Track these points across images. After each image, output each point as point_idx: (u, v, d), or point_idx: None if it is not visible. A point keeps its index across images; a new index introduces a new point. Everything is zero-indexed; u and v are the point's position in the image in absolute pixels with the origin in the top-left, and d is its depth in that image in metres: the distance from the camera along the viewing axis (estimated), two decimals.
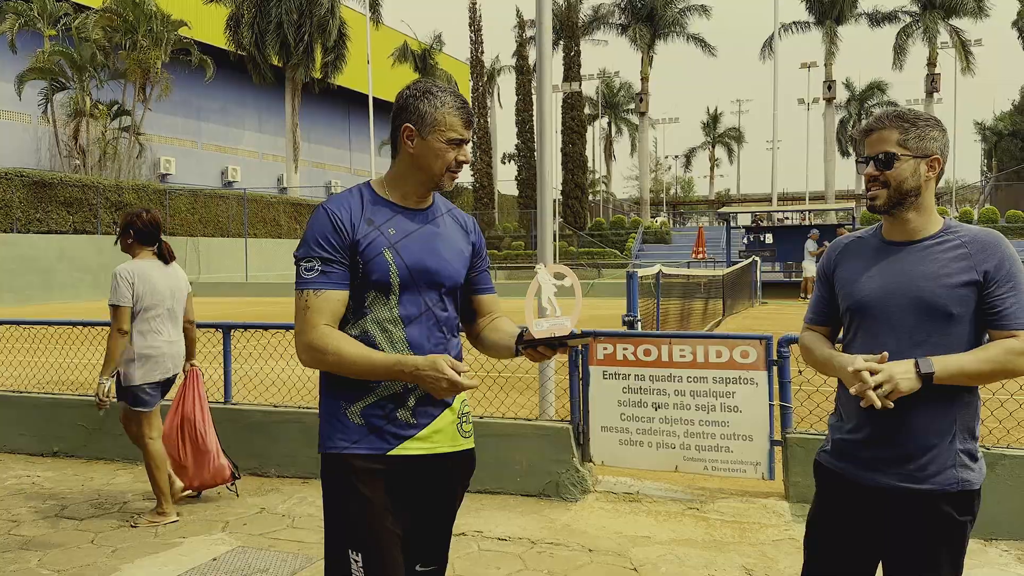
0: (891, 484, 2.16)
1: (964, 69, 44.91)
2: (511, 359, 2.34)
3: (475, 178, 46.72)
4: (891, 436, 2.15)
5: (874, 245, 2.27)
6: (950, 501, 2.13)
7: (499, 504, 5.02)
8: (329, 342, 2.10)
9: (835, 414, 2.34)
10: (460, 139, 2.21)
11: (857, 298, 2.21)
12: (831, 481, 2.31)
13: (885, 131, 2.17)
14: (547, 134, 5.81)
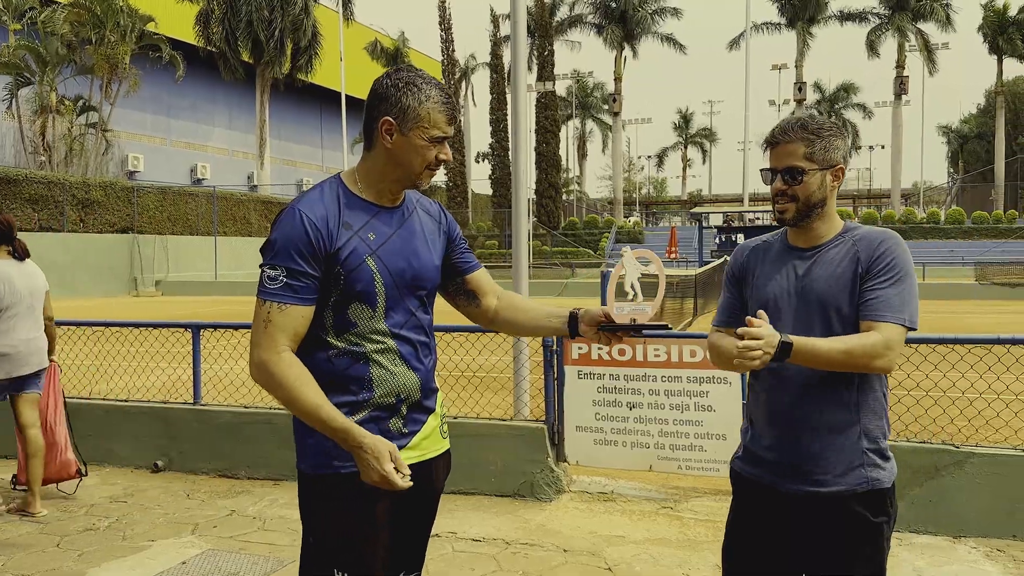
0: (802, 489, 2.14)
1: (931, 71, 45.62)
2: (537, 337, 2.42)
3: (448, 177, 46.57)
4: (796, 439, 2.14)
5: (779, 250, 2.28)
6: (861, 502, 2.11)
7: (474, 505, 4.99)
8: (288, 378, 1.95)
9: (746, 420, 2.35)
10: (443, 136, 2.08)
11: (763, 300, 2.20)
12: (745, 488, 2.29)
13: (791, 144, 2.14)
14: (522, 133, 5.79)
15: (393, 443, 2.01)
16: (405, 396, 2.10)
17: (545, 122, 44.42)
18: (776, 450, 2.18)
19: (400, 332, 2.09)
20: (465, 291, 2.35)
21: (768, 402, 2.20)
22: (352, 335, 2.05)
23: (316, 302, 2.02)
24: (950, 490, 4.37)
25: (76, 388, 7.22)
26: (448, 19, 45.53)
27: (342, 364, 2.05)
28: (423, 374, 2.15)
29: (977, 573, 3.94)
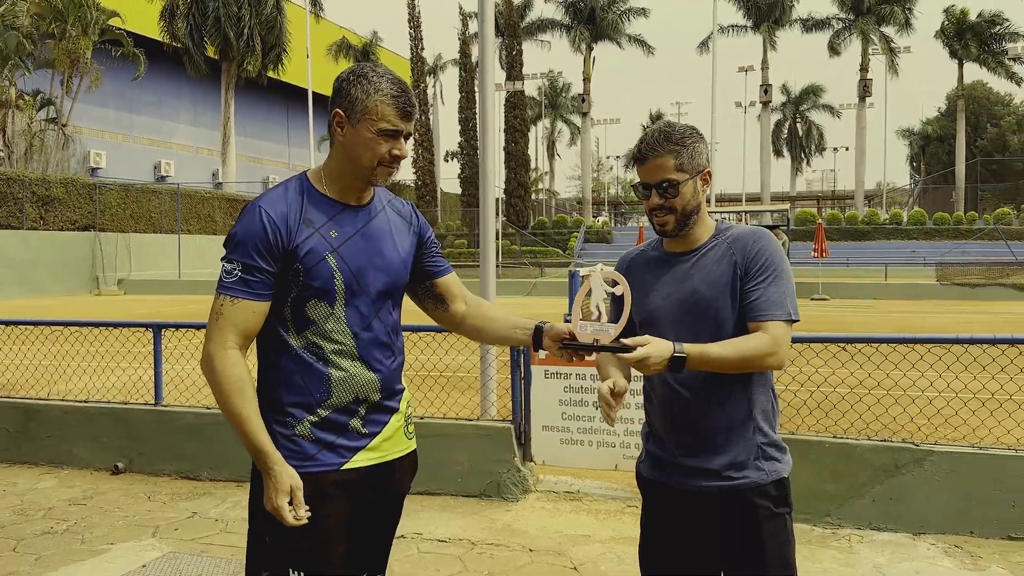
0: (703, 485, 2.17)
1: (892, 74, 46.40)
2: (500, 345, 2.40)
3: (417, 176, 46.45)
4: (693, 438, 2.17)
5: (657, 258, 2.30)
6: (762, 494, 2.16)
7: (440, 505, 4.98)
8: (226, 379, 1.96)
9: (645, 425, 2.36)
10: (394, 131, 2.02)
11: (648, 310, 2.21)
12: (651, 491, 2.31)
13: (661, 158, 2.15)
14: (490, 133, 5.78)
15: (353, 442, 2.06)
16: (364, 397, 2.08)
17: (514, 121, 44.46)
18: (678, 450, 2.19)
19: (360, 332, 2.07)
20: (433, 295, 2.34)
21: (665, 404, 2.21)
22: (311, 333, 2.04)
23: (274, 298, 2.02)
24: (910, 487, 4.43)
25: (35, 389, 7.08)
26: (417, 17, 45.40)
27: (301, 363, 2.04)
28: (385, 375, 2.12)
29: (936, 569, 4.00)
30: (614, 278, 2.12)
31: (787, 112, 61.45)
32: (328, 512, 2.03)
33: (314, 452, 2.04)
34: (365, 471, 2.10)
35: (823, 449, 4.51)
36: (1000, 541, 4.24)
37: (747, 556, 2.16)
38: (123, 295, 28.12)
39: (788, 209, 39.61)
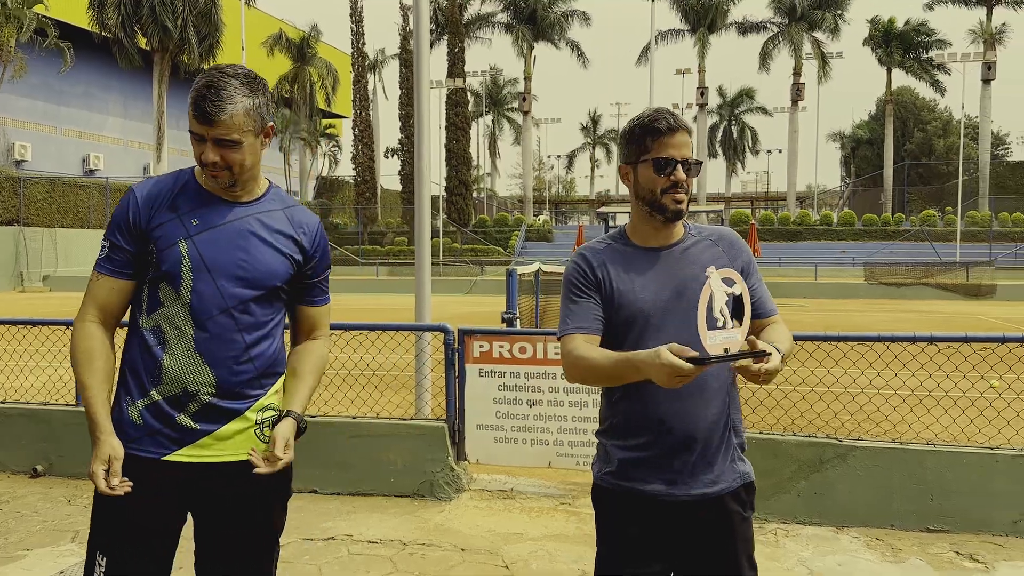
0: (689, 493, 2.07)
1: (824, 78, 47.64)
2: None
3: (357, 172, 45.94)
4: (684, 442, 2.07)
5: (632, 253, 2.15)
6: (737, 499, 2.13)
7: (372, 506, 4.92)
8: (78, 349, 2.06)
9: (611, 432, 2.17)
10: (198, 135, 1.99)
11: (638, 307, 2.08)
12: (622, 504, 2.14)
13: (686, 134, 2.09)
14: (425, 129, 5.73)
15: (180, 436, 2.04)
16: (194, 392, 2.05)
17: (456, 118, 44.30)
18: (667, 457, 2.07)
19: (205, 323, 2.03)
20: (293, 318, 2.29)
21: (652, 409, 2.08)
22: (159, 316, 2.06)
23: (134, 278, 2.08)
24: (834, 482, 4.55)
25: None
26: (359, 11, 44.88)
27: (143, 344, 2.07)
28: (227, 377, 2.06)
29: (857, 561, 4.11)
30: (730, 276, 1.92)
31: (723, 114, 62.63)
32: (144, 502, 2.01)
33: (136, 436, 2.05)
34: (191, 467, 2.06)
35: (750, 445, 4.51)
36: (919, 533, 4.38)
37: (718, 562, 2.11)
38: (49, 292, 27.14)
39: (723, 210, 40.39)
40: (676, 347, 1.79)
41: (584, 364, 2.01)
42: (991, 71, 43.99)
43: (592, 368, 2.00)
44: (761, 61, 48.05)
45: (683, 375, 1.77)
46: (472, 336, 5.09)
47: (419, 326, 5.51)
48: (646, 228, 2.15)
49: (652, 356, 1.80)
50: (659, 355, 1.77)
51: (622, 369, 1.92)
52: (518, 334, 5.21)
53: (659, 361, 1.77)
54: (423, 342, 5.48)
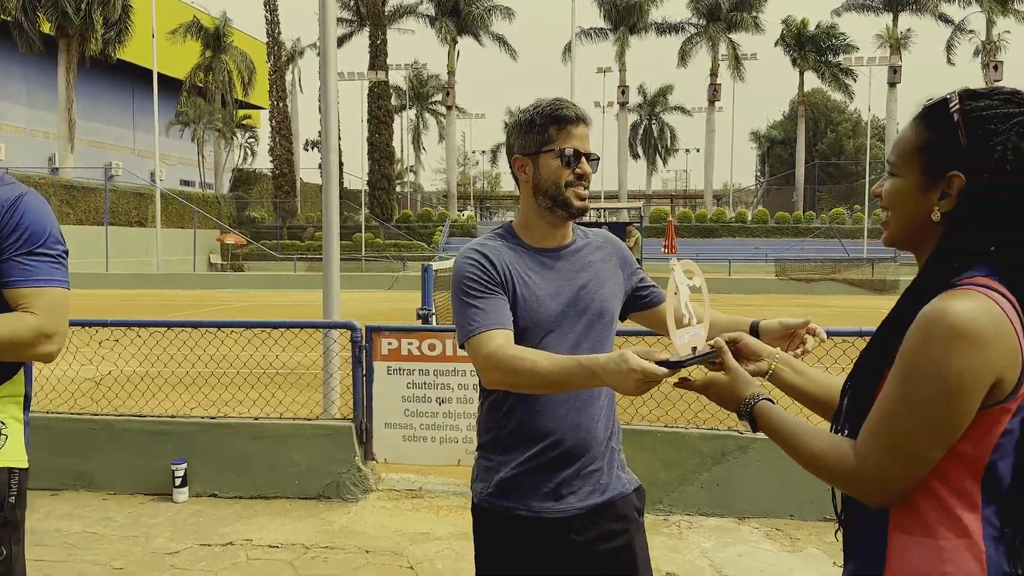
0: (583, 505, 1.97)
1: (738, 79, 48.88)
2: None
3: (275, 164, 44.89)
4: (575, 453, 1.96)
5: (526, 254, 2.00)
6: (629, 504, 2.05)
7: (275, 509, 4.78)
8: None
9: (496, 447, 2.00)
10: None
11: (538, 315, 1.93)
12: (509, 530, 1.97)
13: (588, 127, 2.00)
14: (332, 121, 5.60)
15: None
16: None
17: (378, 112, 43.77)
18: (561, 468, 1.95)
19: None
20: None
21: (546, 420, 1.95)
22: None
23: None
24: (735, 474, 4.63)
25: None
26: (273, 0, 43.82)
27: None
28: None
29: (757, 551, 4.20)
30: (689, 268, 1.76)
31: (643, 113, 63.62)
32: None
33: None
34: None
35: (655, 438, 4.64)
36: (816, 523, 4.50)
37: (620, 569, 2.01)
38: None
39: (642, 207, 41.04)
40: (640, 350, 1.60)
41: (521, 366, 1.75)
42: (897, 75, 45.90)
43: (532, 371, 1.74)
44: (680, 61, 49.00)
45: (654, 381, 1.57)
46: (380, 333, 4.99)
47: (325, 323, 5.37)
48: (541, 226, 2.00)
49: (616, 361, 1.59)
50: (626, 360, 1.57)
51: (575, 376, 1.69)
52: (427, 331, 5.13)
53: (627, 367, 1.56)
54: (330, 340, 5.36)
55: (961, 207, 1.31)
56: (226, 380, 5.54)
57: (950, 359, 1.21)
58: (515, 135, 2.00)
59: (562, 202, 1.96)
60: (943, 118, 1.33)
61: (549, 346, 1.91)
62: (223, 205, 43.41)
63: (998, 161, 1.27)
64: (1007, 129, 1.27)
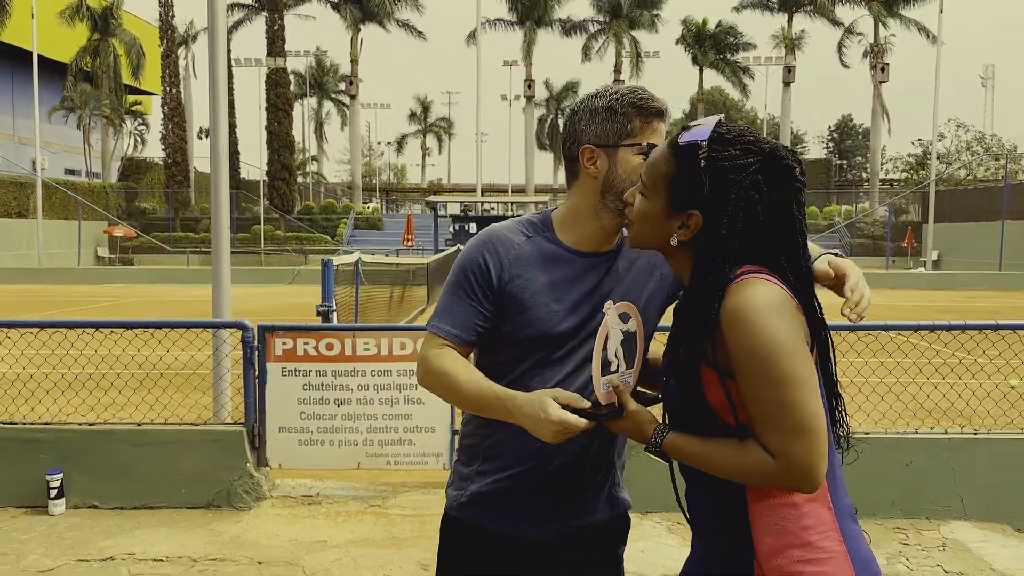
0: (565, 528, 1.80)
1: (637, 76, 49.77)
2: None
3: (167, 153, 43.06)
4: (570, 471, 1.77)
5: (554, 253, 1.75)
6: (613, 530, 1.89)
7: (160, 520, 4.50)
8: None
9: (479, 456, 1.82)
10: None
11: (551, 330, 1.71)
12: (483, 549, 1.81)
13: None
14: (221, 107, 5.32)
15: None
16: None
17: (277, 100, 42.58)
18: (544, 490, 1.76)
19: None
20: None
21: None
22: None
23: None
24: (640, 469, 4.61)
25: None
26: None
27: None
28: None
29: (659, 546, 4.21)
30: (626, 311, 1.64)
31: (550, 107, 64.06)
32: None
33: None
34: None
35: None
36: None
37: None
38: None
39: (550, 200, 41.34)
40: (563, 395, 1.52)
41: (443, 382, 1.70)
42: (791, 74, 47.66)
43: (451, 389, 1.69)
44: (584, 57, 49.52)
45: (572, 432, 1.49)
46: (273, 333, 4.76)
47: (214, 323, 5.10)
48: (593, 228, 1.74)
49: (535, 407, 1.51)
50: (545, 409, 1.49)
51: (492, 408, 1.62)
52: (325, 330, 4.93)
53: (545, 416, 1.49)
54: (219, 340, 5.09)
55: (697, 239, 1.47)
56: (106, 383, 5.19)
57: (777, 328, 1.36)
58: (586, 121, 1.75)
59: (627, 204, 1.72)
60: (692, 160, 1.45)
61: (549, 360, 1.71)
62: (111, 196, 41.37)
63: (733, 208, 1.41)
64: (742, 179, 1.41)
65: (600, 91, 1.77)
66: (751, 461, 1.39)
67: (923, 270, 30.79)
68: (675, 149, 1.48)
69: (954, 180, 42.10)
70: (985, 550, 4.07)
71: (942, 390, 6.46)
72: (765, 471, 1.38)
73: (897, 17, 44.87)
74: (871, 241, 40.87)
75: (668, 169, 1.49)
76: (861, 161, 66.93)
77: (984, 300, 19.97)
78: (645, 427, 1.52)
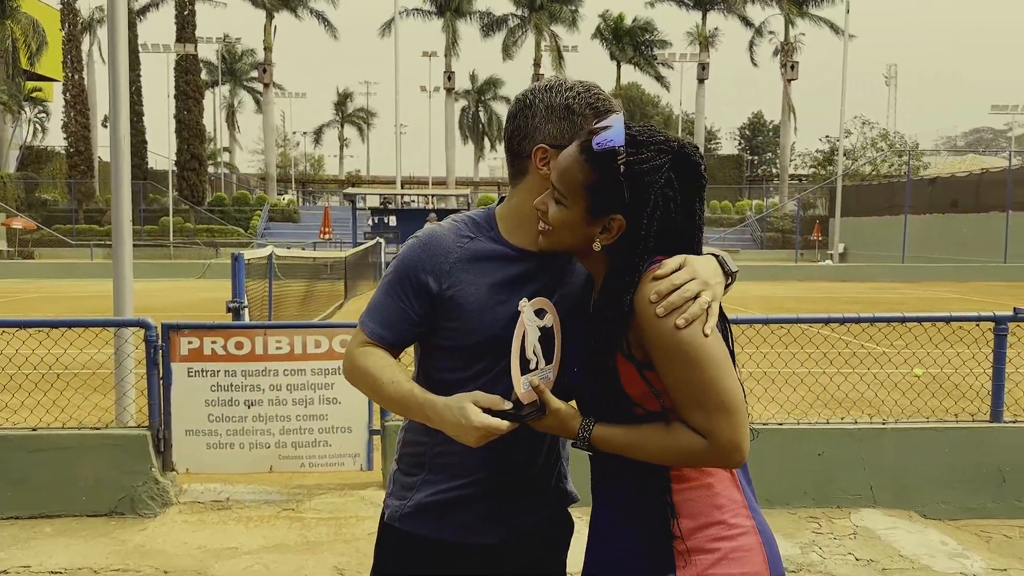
0: (516, 533, 1.74)
1: (558, 70, 50.13)
2: None
3: (69, 142, 41.10)
4: (520, 474, 1.72)
5: (500, 254, 1.68)
6: (560, 527, 1.84)
7: (58, 530, 4.25)
8: None
9: (424, 464, 1.74)
10: None
11: (499, 334, 1.60)
12: (430, 563, 1.73)
13: None
14: (122, 91, 5.05)
15: None
16: None
17: (186, 87, 41.16)
18: (492, 496, 1.70)
19: None
20: None
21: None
22: None
23: None
24: None
25: None
26: None
27: None
28: None
29: (581, 539, 4.18)
30: (542, 306, 1.57)
31: (471, 100, 63.84)
32: None
33: None
34: None
35: None
36: None
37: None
38: None
39: (470, 193, 41.21)
40: (483, 398, 1.47)
41: (366, 381, 1.65)
42: (705, 71, 48.74)
43: (374, 389, 1.64)
44: (504, 52, 49.47)
45: (494, 435, 1.44)
46: (178, 331, 4.54)
47: (115, 321, 4.83)
48: (528, 224, 1.65)
49: (455, 413, 1.46)
50: (466, 416, 1.44)
51: (413, 410, 1.57)
52: (233, 328, 4.74)
53: (467, 422, 1.44)
54: (121, 339, 4.83)
55: (620, 241, 1.48)
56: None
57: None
58: (541, 118, 1.64)
59: None
60: (610, 166, 1.45)
61: (494, 366, 1.63)
62: (9, 186, 39.28)
63: (651, 208, 1.45)
64: (658, 179, 1.44)
65: (554, 85, 1.68)
66: (681, 443, 1.43)
67: (830, 262, 31.96)
68: (590, 155, 1.46)
69: (860, 176, 43.86)
70: (893, 537, 4.19)
71: (852, 380, 6.69)
72: (695, 451, 1.43)
73: (807, 16, 46.36)
74: (781, 235, 42.24)
75: (586, 177, 1.47)
76: (771, 157, 69.02)
77: (888, 291, 20.85)
78: (570, 423, 1.50)
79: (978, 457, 4.52)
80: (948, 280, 24.63)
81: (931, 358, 6.50)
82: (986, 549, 4.09)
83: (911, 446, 4.55)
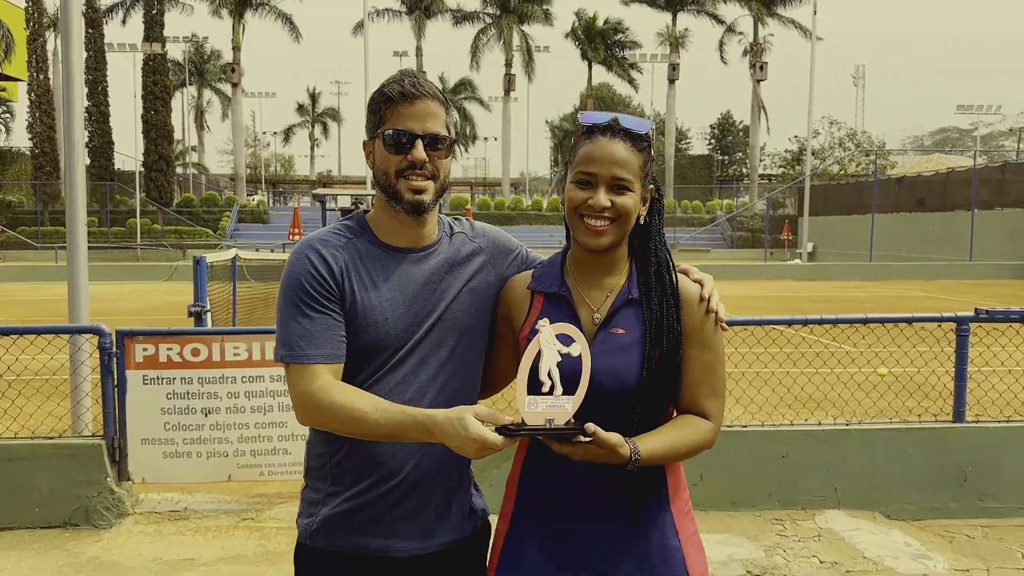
0: (428, 544, 1.71)
1: (529, 71, 50.09)
2: None
3: (34, 143, 40.36)
4: (424, 478, 1.70)
5: (375, 253, 1.69)
6: (480, 537, 1.81)
7: (10, 542, 4.13)
8: None
9: (328, 475, 1.71)
10: None
11: (385, 331, 1.64)
12: (335, 569, 1.70)
13: (432, 101, 1.68)
14: (77, 87, 4.92)
15: None
16: None
17: (154, 87, 40.59)
18: (400, 503, 1.68)
19: None
20: None
21: (388, 444, 1.64)
22: None
23: None
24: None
25: None
26: None
27: None
28: None
29: None
30: (567, 333, 1.53)
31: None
32: None
33: None
34: None
35: None
36: None
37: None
38: None
39: None
40: (484, 412, 1.44)
41: (344, 417, 1.55)
42: (676, 72, 48.96)
43: (358, 421, 1.54)
44: (472, 53, 49.35)
45: (491, 450, 1.41)
46: (133, 338, 4.43)
47: (67, 328, 4.70)
48: (389, 222, 1.70)
49: (455, 425, 1.43)
50: (464, 424, 1.41)
51: (410, 431, 1.51)
52: (190, 334, 4.63)
53: (466, 433, 1.41)
54: (76, 346, 4.71)
55: (650, 212, 1.71)
56: None
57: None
58: (367, 116, 1.73)
59: (394, 195, 1.66)
60: (646, 145, 1.66)
61: (397, 368, 1.65)
62: None
63: (654, 178, 1.72)
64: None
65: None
66: (704, 431, 1.62)
67: (799, 261, 32.27)
68: (638, 141, 1.64)
69: (828, 175, 44.33)
70: (857, 538, 4.20)
71: (815, 381, 6.71)
72: (709, 437, 1.63)
73: (776, 17, 46.73)
74: (750, 234, 42.56)
75: (638, 158, 1.64)
76: (741, 157, 69.56)
77: (856, 290, 21.06)
78: (621, 450, 1.46)
79: (941, 457, 4.54)
80: (915, 278, 24.95)
81: (894, 359, 6.55)
82: (949, 550, 4.10)
83: (875, 447, 4.56)
